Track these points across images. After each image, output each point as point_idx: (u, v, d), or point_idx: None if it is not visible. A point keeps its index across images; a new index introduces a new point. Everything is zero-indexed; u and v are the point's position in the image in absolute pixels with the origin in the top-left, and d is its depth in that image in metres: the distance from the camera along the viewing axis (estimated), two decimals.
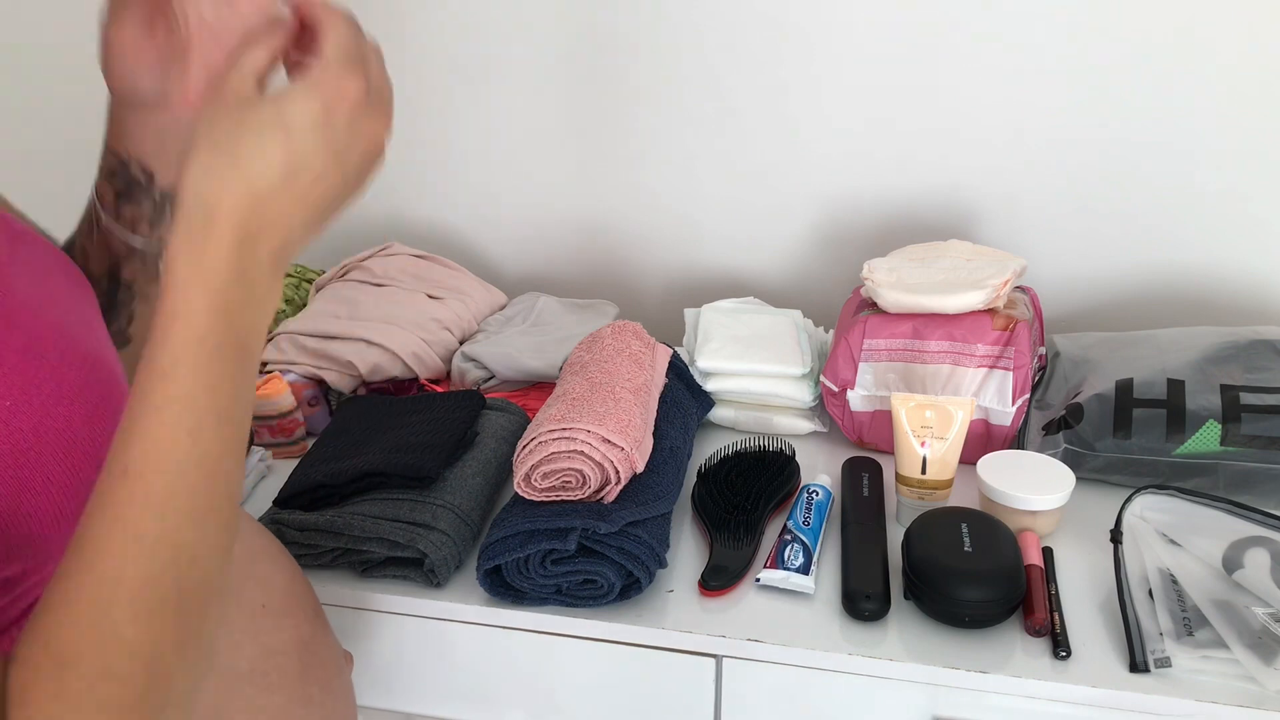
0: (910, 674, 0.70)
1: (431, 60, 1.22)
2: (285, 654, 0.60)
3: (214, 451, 0.40)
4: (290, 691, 0.59)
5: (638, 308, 1.30)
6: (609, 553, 0.73)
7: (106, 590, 0.38)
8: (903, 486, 0.85)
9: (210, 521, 0.41)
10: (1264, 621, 0.67)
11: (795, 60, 1.13)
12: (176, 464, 0.39)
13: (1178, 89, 1.04)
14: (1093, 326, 1.12)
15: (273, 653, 0.59)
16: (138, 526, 0.38)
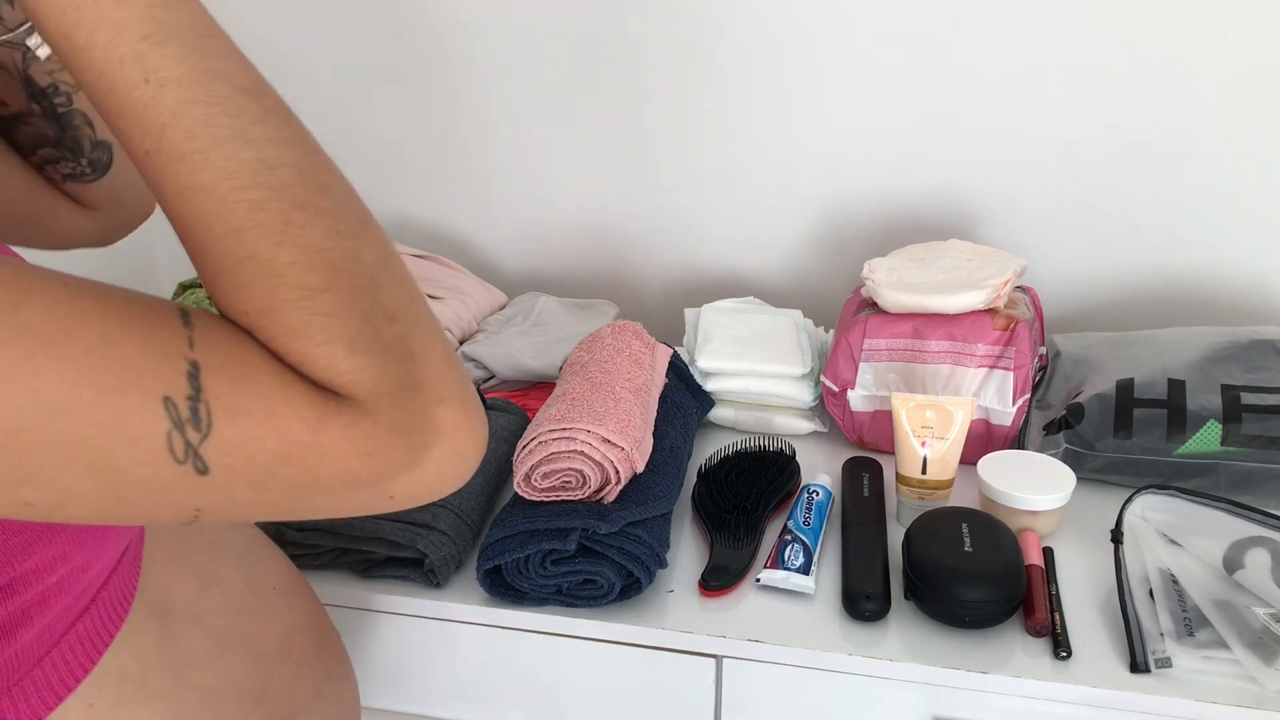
0: (910, 674, 0.70)
1: (432, 60, 1.22)
2: (302, 632, 0.60)
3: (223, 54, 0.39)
4: (313, 667, 0.60)
5: (638, 308, 1.30)
6: (609, 553, 0.73)
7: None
8: (903, 486, 0.84)
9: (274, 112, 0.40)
10: (1264, 622, 0.67)
11: (795, 60, 1.13)
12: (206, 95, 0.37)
13: (1178, 89, 1.04)
14: (1093, 326, 1.12)
15: (292, 632, 0.59)
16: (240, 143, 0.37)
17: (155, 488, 0.34)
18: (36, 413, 0.31)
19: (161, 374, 0.34)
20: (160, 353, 0.34)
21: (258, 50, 1.39)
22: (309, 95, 1.28)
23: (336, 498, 0.38)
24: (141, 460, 0.34)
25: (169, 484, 0.34)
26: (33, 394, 0.31)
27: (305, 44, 1.25)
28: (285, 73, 1.27)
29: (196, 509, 0.36)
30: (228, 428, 0.35)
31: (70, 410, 0.32)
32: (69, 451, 0.32)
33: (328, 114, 1.28)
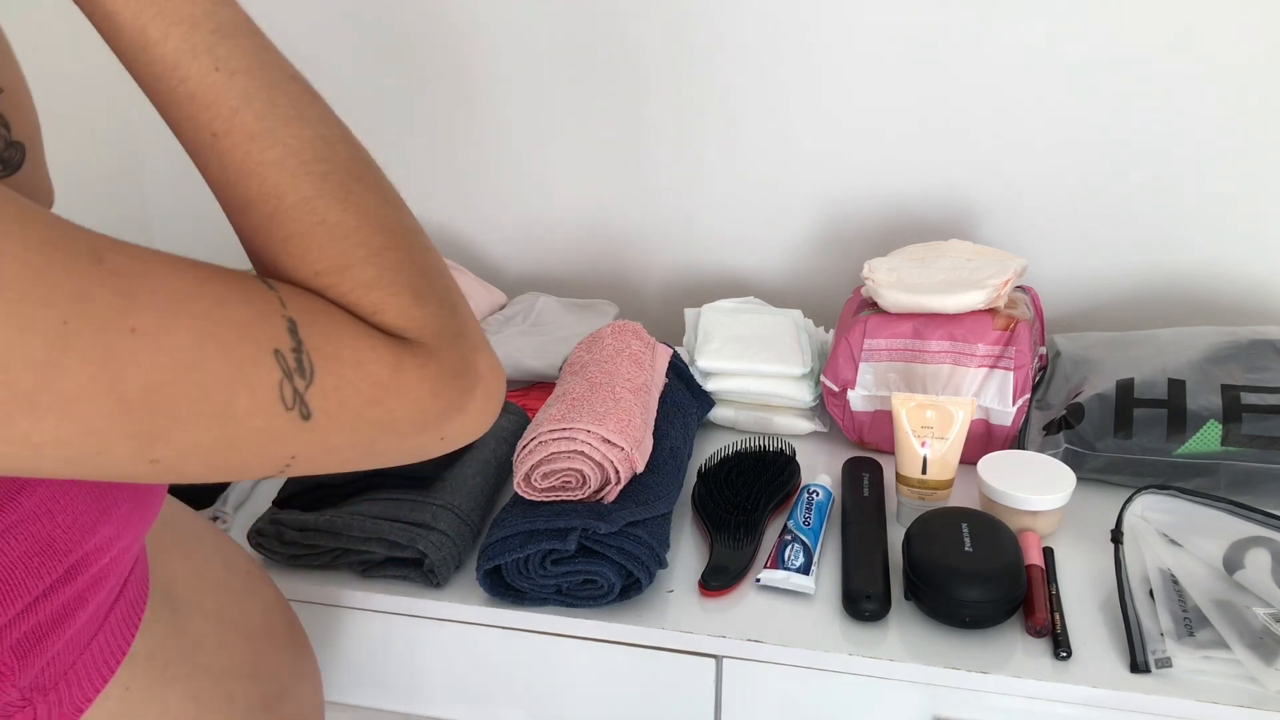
0: (910, 674, 0.70)
1: (432, 60, 1.22)
2: (276, 612, 0.62)
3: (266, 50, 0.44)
4: (291, 647, 0.62)
5: (638, 308, 1.30)
6: (609, 553, 0.73)
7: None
8: (903, 486, 0.84)
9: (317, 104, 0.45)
10: (1265, 622, 0.67)
11: (795, 60, 1.13)
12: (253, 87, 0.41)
13: (1178, 89, 1.04)
14: (1093, 326, 1.12)
15: (269, 611, 0.61)
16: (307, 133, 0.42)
17: (265, 436, 0.37)
18: (173, 369, 0.34)
19: (269, 330, 0.37)
20: (263, 311, 0.37)
21: None
22: None
23: (405, 441, 0.42)
24: (258, 408, 0.36)
25: (277, 431, 0.37)
26: (168, 352, 0.34)
27: (305, 44, 1.25)
28: None
29: (292, 456, 0.39)
30: (326, 375, 0.38)
31: (198, 365, 0.35)
32: (198, 404, 0.35)
33: None
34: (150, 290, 0.34)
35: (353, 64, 1.25)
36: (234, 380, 0.36)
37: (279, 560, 0.80)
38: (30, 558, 0.41)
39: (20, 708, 0.42)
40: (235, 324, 0.36)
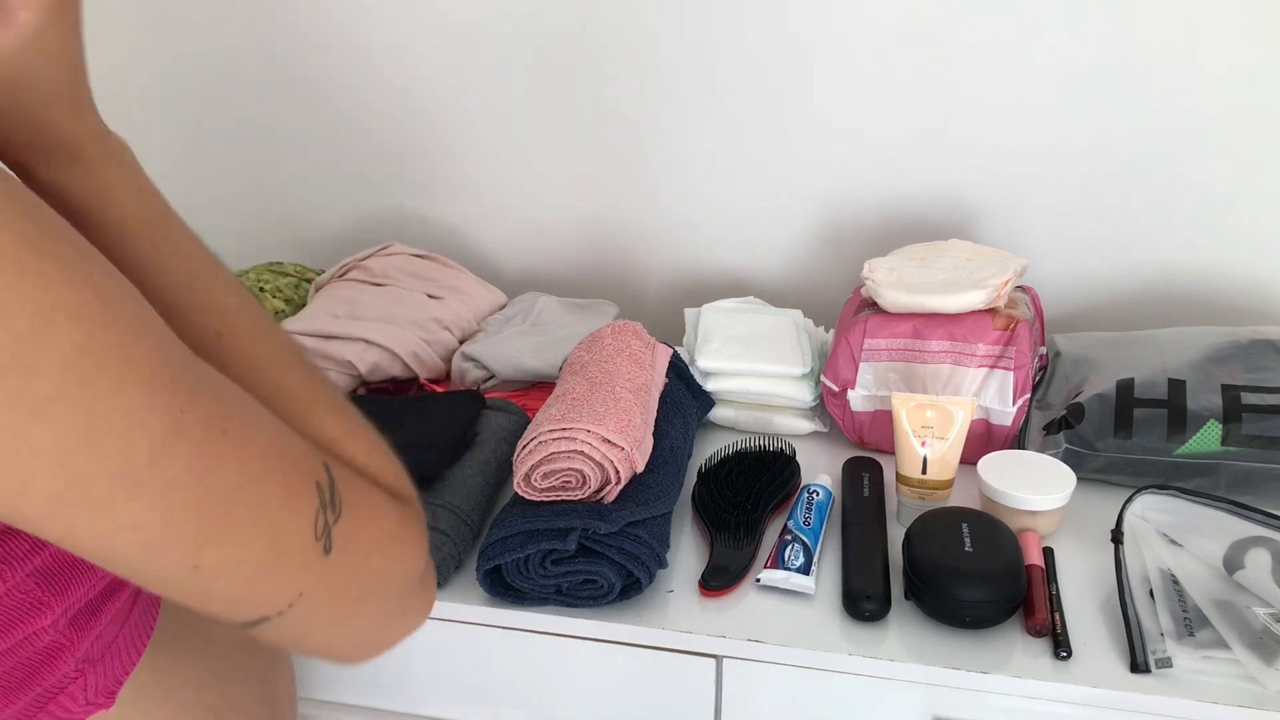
0: (911, 674, 0.70)
1: (432, 60, 1.22)
2: None
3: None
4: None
5: (638, 307, 1.30)
6: (609, 553, 0.73)
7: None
8: (903, 486, 0.84)
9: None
10: (1265, 622, 0.67)
11: (796, 60, 1.13)
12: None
13: (1178, 89, 1.04)
14: (1093, 326, 1.12)
15: None
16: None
17: (294, 563, 0.39)
18: (247, 476, 0.36)
19: (312, 462, 0.40)
20: (307, 449, 0.41)
21: (257, 50, 1.39)
22: (309, 95, 1.28)
23: (381, 604, 0.46)
24: (298, 532, 0.39)
25: (303, 559, 0.40)
26: (245, 461, 0.36)
27: (305, 44, 1.25)
28: (285, 73, 1.27)
29: (300, 593, 0.41)
30: (349, 515, 0.41)
31: (264, 478, 0.37)
32: (255, 515, 0.37)
33: (328, 114, 1.28)
34: (232, 400, 0.37)
35: (352, 64, 1.25)
36: (286, 500, 0.38)
37: None
38: None
39: (73, 679, 0.44)
40: (292, 449, 0.39)
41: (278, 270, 1.19)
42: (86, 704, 0.45)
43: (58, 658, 0.43)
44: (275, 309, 1.13)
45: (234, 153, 1.34)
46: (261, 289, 1.14)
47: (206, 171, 1.36)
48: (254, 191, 1.36)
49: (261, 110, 1.30)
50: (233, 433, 0.36)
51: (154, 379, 0.33)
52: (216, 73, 1.29)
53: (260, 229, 1.38)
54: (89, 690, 0.45)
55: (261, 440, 0.38)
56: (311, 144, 1.31)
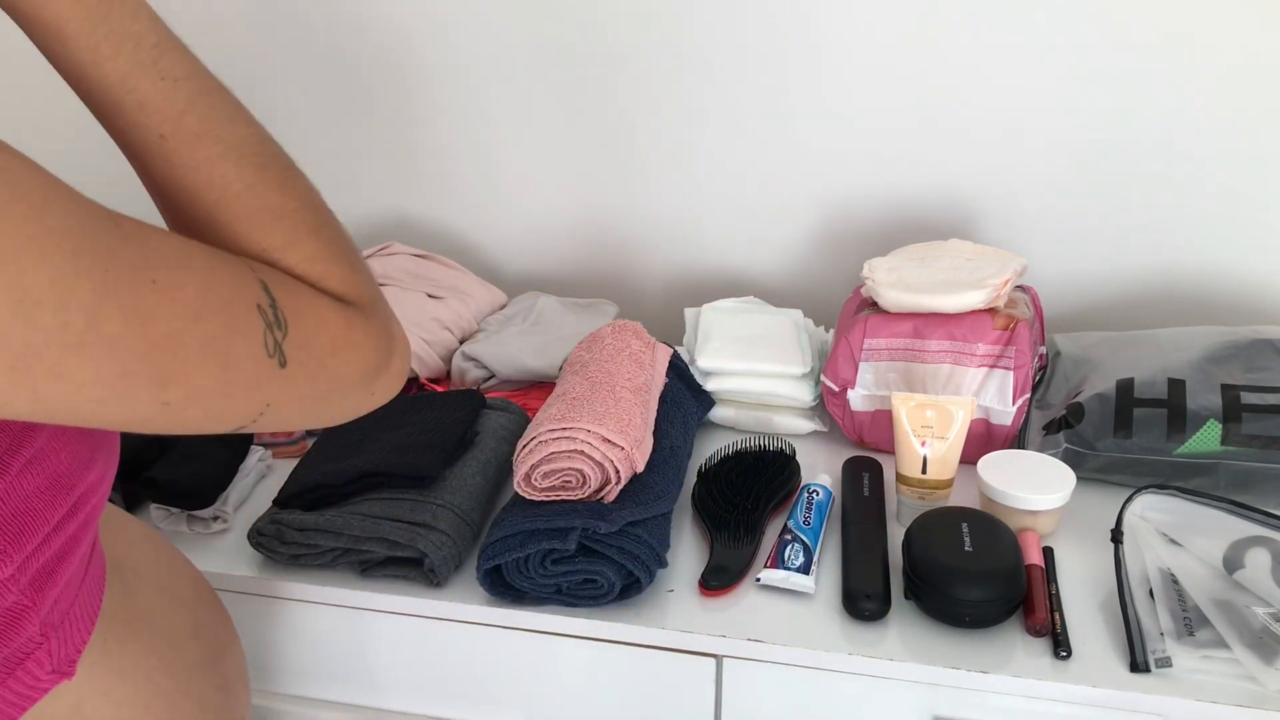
0: (910, 674, 0.70)
1: (432, 60, 1.22)
2: (200, 581, 0.67)
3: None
4: (220, 611, 0.67)
5: (638, 307, 1.30)
6: (609, 552, 0.73)
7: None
8: (903, 486, 0.84)
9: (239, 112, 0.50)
10: (1264, 621, 0.67)
11: (796, 60, 1.13)
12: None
13: (1178, 89, 1.04)
14: (1093, 326, 1.12)
15: (195, 580, 0.66)
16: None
17: (253, 381, 0.43)
18: (185, 318, 0.39)
19: (251, 288, 0.42)
20: (242, 272, 0.43)
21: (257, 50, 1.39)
22: (308, 95, 1.28)
23: (347, 397, 0.49)
24: (248, 355, 0.42)
25: (261, 377, 0.43)
26: (180, 303, 0.39)
27: (305, 45, 1.25)
28: (284, 71, 1.27)
29: (267, 404, 0.44)
30: (296, 329, 0.44)
31: (203, 315, 0.40)
32: (204, 350, 0.40)
33: (327, 114, 1.28)
34: (157, 251, 0.39)
35: (352, 65, 1.25)
36: (231, 329, 0.41)
37: (279, 560, 0.80)
38: (45, 490, 0.45)
39: (39, 644, 0.47)
40: (226, 281, 0.41)
41: None
42: (53, 671, 0.48)
43: (22, 619, 0.46)
44: None
45: None
46: None
47: None
48: None
49: (261, 110, 1.30)
50: (162, 280, 0.38)
51: (73, 245, 0.35)
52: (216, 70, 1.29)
53: None
54: (54, 657, 0.48)
55: (195, 280, 0.40)
56: (311, 144, 1.31)
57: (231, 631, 0.67)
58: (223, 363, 0.41)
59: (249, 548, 0.81)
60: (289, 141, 0.54)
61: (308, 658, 0.85)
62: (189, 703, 0.59)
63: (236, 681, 0.65)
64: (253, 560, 0.82)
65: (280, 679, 0.87)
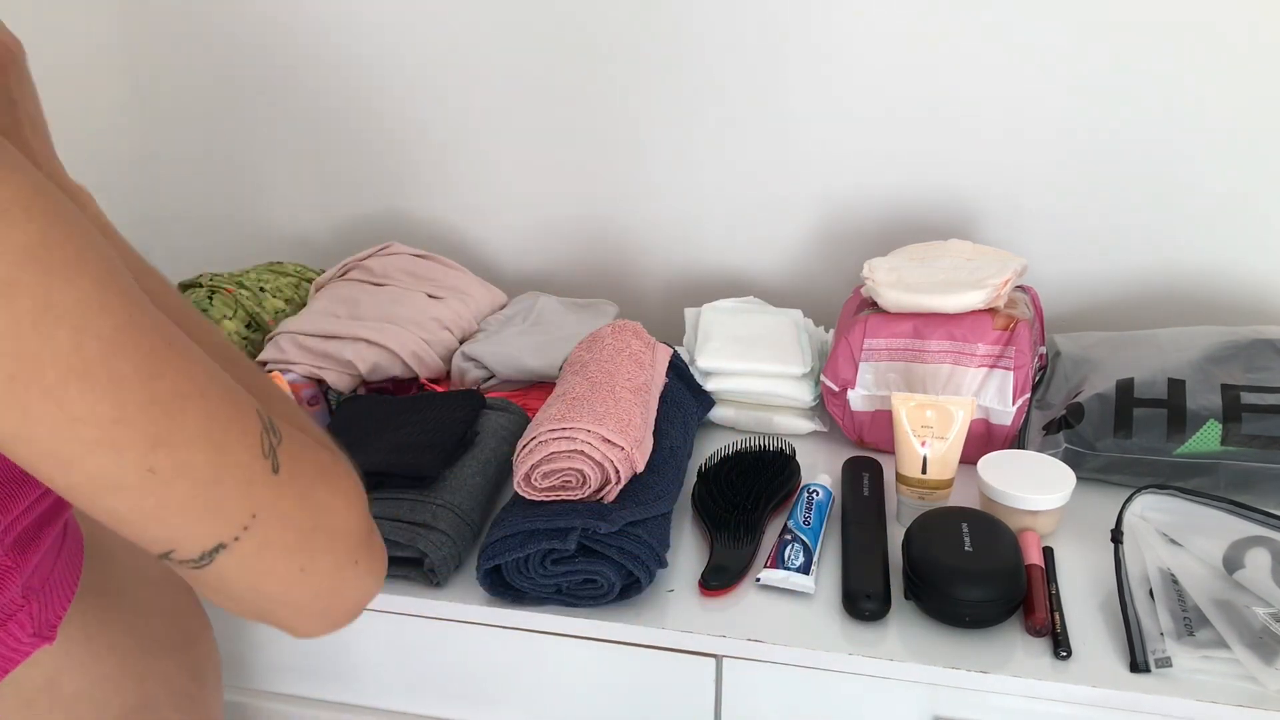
0: (910, 674, 0.70)
1: (432, 60, 1.22)
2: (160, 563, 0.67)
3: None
4: (191, 595, 0.68)
5: (638, 307, 1.30)
6: (609, 552, 0.73)
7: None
8: (903, 486, 0.84)
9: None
10: (1265, 621, 0.67)
11: (796, 60, 1.13)
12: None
13: (1178, 89, 1.04)
14: (1093, 326, 1.12)
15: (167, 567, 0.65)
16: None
17: (244, 476, 0.42)
18: (191, 385, 0.40)
19: (248, 397, 0.43)
20: (242, 380, 0.44)
21: (256, 50, 1.39)
22: (308, 95, 1.28)
23: (335, 545, 0.47)
24: (244, 446, 0.42)
25: (254, 475, 0.42)
26: (190, 375, 0.40)
27: (305, 44, 1.25)
28: (285, 72, 1.27)
29: (253, 514, 0.43)
30: (288, 440, 0.44)
31: (208, 393, 0.40)
32: (203, 424, 0.40)
33: (327, 114, 1.28)
34: (174, 327, 0.40)
35: (353, 64, 1.25)
36: (232, 415, 0.41)
37: None
38: None
39: (21, 606, 0.48)
40: (229, 380, 0.43)
41: (278, 270, 1.19)
42: (34, 634, 0.49)
43: (5, 581, 0.47)
44: (275, 309, 1.13)
45: (234, 153, 1.34)
46: (262, 289, 1.14)
47: (207, 171, 1.36)
48: (254, 191, 1.36)
49: (261, 110, 1.30)
50: (177, 347, 0.40)
51: (106, 278, 0.36)
52: (217, 72, 1.29)
53: (260, 229, 1.38)
54: (35, 620, 0.48)
55: (204, 363, 0.41)
56: (312, 144, 1.31)
57: (204, 620, 0.68)
58: (219, 445, 0.41)
59: None
60: (290, 142, 0.55)
61: (305, 658, 0.85)
62: (160, 685, 0.60)
63: (208, 669, 0.66)
64: None
65: (280, 679, 0.87)
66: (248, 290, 1.12)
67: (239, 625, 0.84)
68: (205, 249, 1.41)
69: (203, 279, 1.13)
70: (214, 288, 1.11)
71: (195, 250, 1.41)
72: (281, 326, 1.07)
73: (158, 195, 1.40)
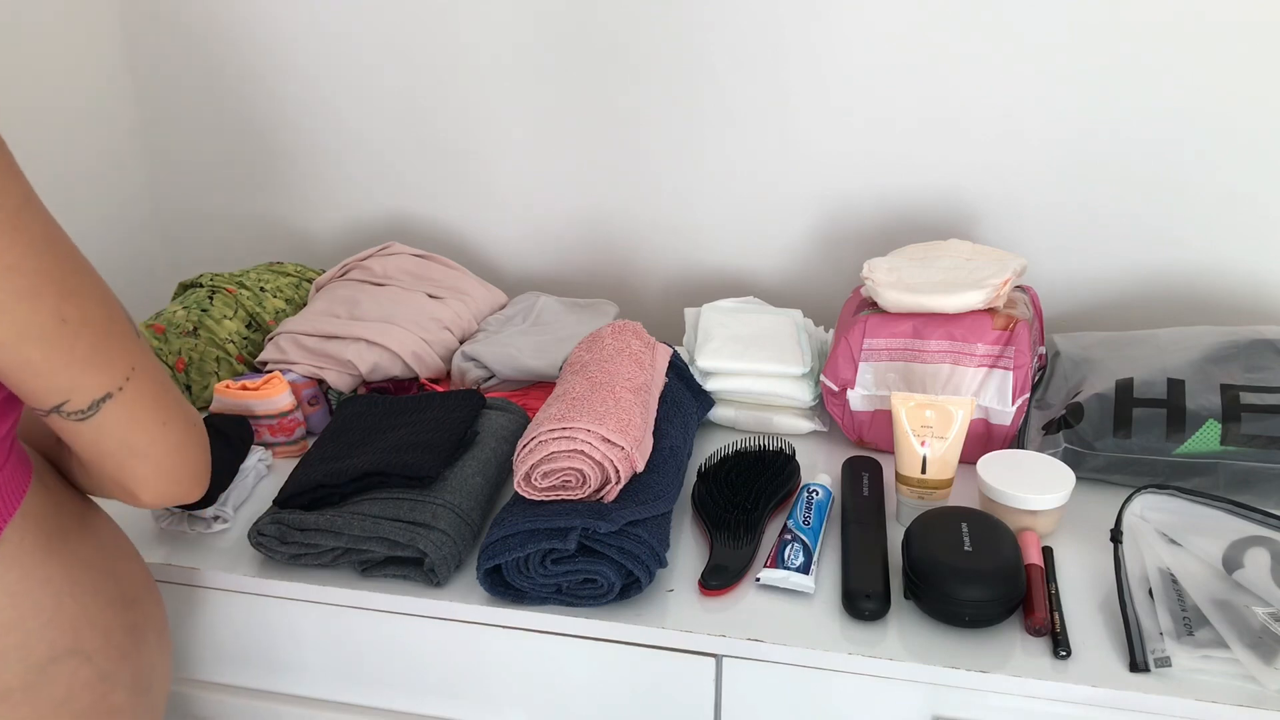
0: (910, 674, 0.70)
1: (432, 60, 1.22)
2: (120, 532, 0.71)
3: None
4: (140, 563, 0.71)
5: (638, 307, 1.30)
6: (609, 552, 0.73)
7: None
8: (903, 486, 0.85)
9: None
10: (1264, 621, 0.67)
11: (796, 61, 1.13)
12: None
13: (1178, 89, 1.05)
14: (1093, 326, 1.12)
15: (114, 529, 0.71)
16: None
17: (127, 336, 0.56)
18: (81, 257, 0.54)
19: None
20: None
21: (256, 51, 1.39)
22: (308, 95, 1.28)
23: (186, 414, 0.62)
24: (123, 316, 0.56)
25: (130, 337, 0.56)
26: (79, 257, 0.54)
27: (305, 44, 1.25)
28: (286, 72, 1.27)
29: (133, 366, 0.56)
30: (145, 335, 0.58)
31: (92, 271, 0.55)
32: (97, 289, 0.54)
33: (328, 113, 1.28)
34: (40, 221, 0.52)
35: (352, 64, 1.25)
36: (110, 293, 0.56)
37: (279, 560, 0.80)
38: None
39: None
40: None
41: (278, 270, 1.19)
42: None
43: None
44: (276, 309, 1.13)
45: (235, 153, 1.34)
46: (262, 289, 1.14)
47: (208, 171, 1.36)
48: (254, 191, 1.36)
49: (262, 110, 1.30)
50: (61, 230, 0.53)
51: (11, 166, 0.49)
52: (219, 73, 1.29)
53: (260, 229, 1.38)
54: None
55: (86, 260, 0.54)
56: (312, 144, 1.31)
57: (150, 587, 0.71)
58: (107, 306, 0.53)
59: (249, 548, 0.82)
60: (289, 142, 0.55)
61: (307, 658, 0.85)
62: (94, 633, 0.63)
63: (148, 631, 0.69)
64: (253, 560, 0.82)
65: (280, 679, 0.87)
66: (248, 290, 1.12)
67: (241, 628, 0.84)
68: (206, 249, 1.41)
69: (203, 279, 1.13)
70: (215, 287, 1.11)
71: (196, 250, 1.41)
72: (282, 326, 1.07)
73: (161, 195, 1.40)
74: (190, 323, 1.06)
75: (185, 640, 0.87)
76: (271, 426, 0.96)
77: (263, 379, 0.96)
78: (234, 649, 0.86)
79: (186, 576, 0.82)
